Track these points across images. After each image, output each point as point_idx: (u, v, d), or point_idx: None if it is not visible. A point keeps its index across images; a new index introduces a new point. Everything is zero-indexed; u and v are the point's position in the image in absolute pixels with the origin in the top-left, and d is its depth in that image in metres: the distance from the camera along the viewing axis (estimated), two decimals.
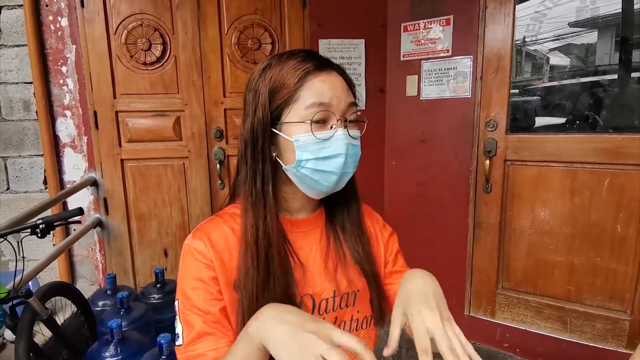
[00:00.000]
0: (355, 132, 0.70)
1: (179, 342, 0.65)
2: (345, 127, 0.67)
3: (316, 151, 0.65)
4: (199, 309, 0.64)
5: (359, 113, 0.71)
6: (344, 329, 0.74)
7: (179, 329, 0.66)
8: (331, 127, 0.66)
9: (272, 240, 0.67)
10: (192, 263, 0.66)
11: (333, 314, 0.74)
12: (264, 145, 0.67)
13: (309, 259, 0.73)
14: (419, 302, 0.60)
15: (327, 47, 2.17)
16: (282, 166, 0.69)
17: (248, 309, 0.64)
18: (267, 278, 0.66)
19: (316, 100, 0.64)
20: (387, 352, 0.57)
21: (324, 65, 0.67)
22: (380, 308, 0.80)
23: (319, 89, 0.65)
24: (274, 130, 0.67)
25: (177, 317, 0.67)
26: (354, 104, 0.69)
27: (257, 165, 0.68)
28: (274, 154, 0.68)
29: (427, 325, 0.56)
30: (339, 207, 0.78)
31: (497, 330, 2.07)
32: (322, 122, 0.66)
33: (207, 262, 0.66)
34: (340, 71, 0.70)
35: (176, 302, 0.67)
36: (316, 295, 0.72)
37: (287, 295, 0.67)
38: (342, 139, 0.66)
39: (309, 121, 0.64)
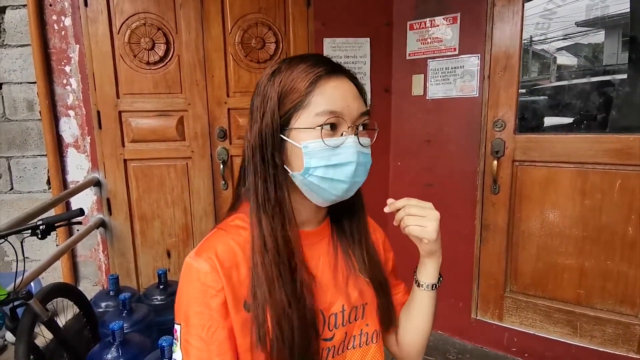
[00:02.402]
0: (366, 140, 0.67)
1: None
2: (356, 134, 0.65)
3: (325, 158, 0.63)
4: (202, 338, 0.61)
5: (368, 122, 0.69)
6: (353, 343, 0.74)
7: (178, 355, 0.62)
8: (341, 134, 0.64)
9: (294, 249, 0.65)
10: (198, 287, 0.61)
11: (343, 329, 0.72)
12: (273, 152, 0.64)
13: (317, 272, 0.71)
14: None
15: (332, 46, 2.14)
16: (289, 173, 0.66)
17: (278, 323, 0.61)
18: (295, 287, 0.63)
19: (327, 107, 0.62)
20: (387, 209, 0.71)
21: (335, 70, 0.65)
22: (389, 317, 0.79)
23: (330, 95, 0.63)
24: (282, 136, 0.64)
25: (177, 343, 0.63)
26: (366, 112, 0.67)
27: (268, 172, 0.65)
28: (282, 161, 0.66)
29: (424, 205, 0.69)
30: (346, 216, 0.76)
31: (504, 335, 2.03)
32: (332, 129, 0.63)
33: (214, 286, 0.61)
34: (352, 77, 0.68)
35: (177, 327, 0.63)
36: (325, 310, 0.70)
37: (313, 308, 0.65)
38: (352, 146, 0.64)
39: (319, 127, 0.62)
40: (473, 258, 2.08)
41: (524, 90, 1.94)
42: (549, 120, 2.00)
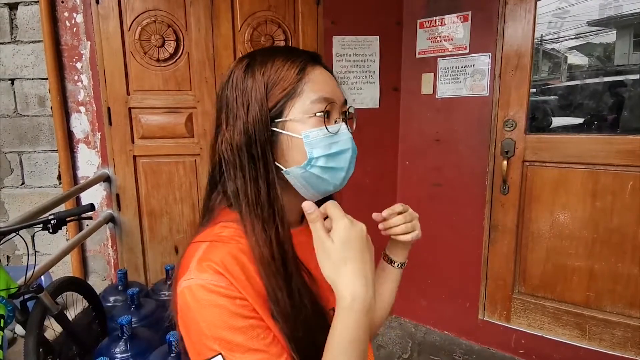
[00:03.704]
0: (350, 128, 0.66)
1: None
2: (345, 121, 0.64)
3: (327, 147, 0.60)
4: (258, 350, 0.53)
5: (351, 109, 0.68)
6: None
7: None
8: (335, 122, 0.63)
9: (287, 253, 0.60)
10: (221, 302, 0.53)
11: None
12: (264, 148, 0.59)
13: (313, 269, 0.66)
14: None
15: (341, 44, 2.14)
16: (281, 170, 0.61)
17: (292, 336, 0.57)
18: (293, 296, 0.58)
19: (322, 93, 0.61)
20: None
21: (315, 58, 0.64)
22: None
23: (320, 82, 0.61)
24: (274, 129, 0.60)
25: None
26: (346, 101, 0.67)
27: (259, 172, 0.60)
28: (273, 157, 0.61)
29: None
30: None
31: (512, 336, 2.02)
32: (327, 116, 0.61)
33: (239, 295, 0.54)
34: (326, 67, 0.67)
35: (218, 358, 0.52)
36: (327, 306, 0.67)
37: (318, 311, 0.61)
38: (347, 133, 0.63)
39: (320, 113, 0.60)
40: (481, 258, 2.06)
41: (534, 90, 1.92)
42: (559, 121, 1.98)
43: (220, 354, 0.52)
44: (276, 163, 0.61)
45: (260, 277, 0.58)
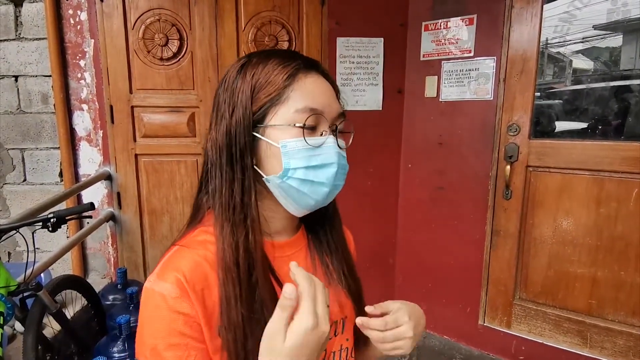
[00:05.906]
0: (342, 143, 0.63)
1: None
2: (335, 135, 0.60)
3: (306, 159, 0.57)
4: None
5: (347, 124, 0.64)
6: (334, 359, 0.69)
7: None
8: (321, 134, 0.59)
9: (255, 261, 0.57)
10: (166, 316, 0.53)
11: None
12: (243, 151, 0.58)
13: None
14: (412, 317, 0.62)
15: (345, 46, 2.13)
16: (262, 176, 0.60)
17: (235, 348, 0.54)
18: (253, 307, 0.55)
19: (308, 103, 0.57)
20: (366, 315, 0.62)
21: (312, 65, 0.61)
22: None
23: (310, 91, 0.58)
24: (255, 134, 0.58)
25: None
26: (343, 114, 0.63)
27: (235, 175, 0.58)
28: (252, 162, 0.60)
29: (398, 330, 0.60)
30: (320, 224, 0.70)
31: (512, 342, 2.00)
32: (312, 128, 0.58)
33: (186, 312, 0.53)
34: (326, 75, 0.63)
35: None
36: None
37: None
38: (333, 147, 0.59)
39: (300, 125, 0.57)
40: (482, 263, 2.05)
41: (538, 94, 1.90)
42: (564, 125, 1.97)
43: None
44: (256, 167, 0.60)
45: (219, 284, 0.56)
